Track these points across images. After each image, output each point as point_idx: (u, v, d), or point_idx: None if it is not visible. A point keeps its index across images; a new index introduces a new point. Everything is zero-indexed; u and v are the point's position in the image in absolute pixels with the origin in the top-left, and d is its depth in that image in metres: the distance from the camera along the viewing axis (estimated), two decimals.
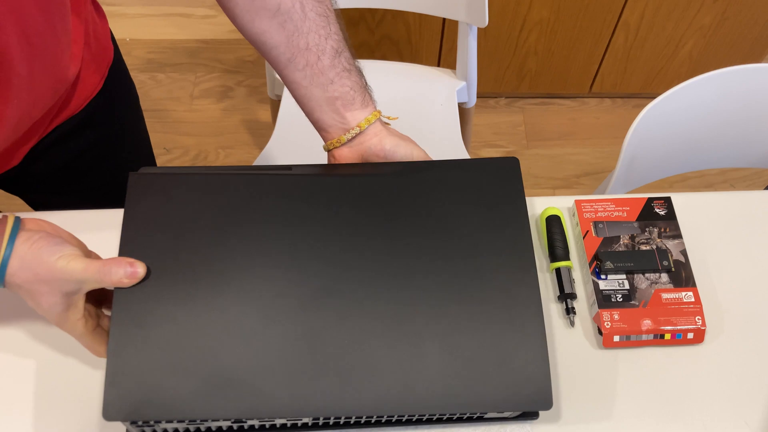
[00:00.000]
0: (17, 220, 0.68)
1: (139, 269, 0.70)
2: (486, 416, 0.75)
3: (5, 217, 0.68)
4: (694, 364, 0.82)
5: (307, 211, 0.76)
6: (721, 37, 1.98)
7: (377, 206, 0.77)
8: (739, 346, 0.83)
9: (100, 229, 0.88)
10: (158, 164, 1.98)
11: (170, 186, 0.76)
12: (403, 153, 0.81)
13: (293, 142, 1.47)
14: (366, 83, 0.84)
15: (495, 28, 1.94)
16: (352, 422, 0.74)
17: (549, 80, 2.13)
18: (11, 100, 0.75)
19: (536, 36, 1.97)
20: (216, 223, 0.74)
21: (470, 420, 0.75)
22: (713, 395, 0.80)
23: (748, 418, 0.78)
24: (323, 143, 0.84)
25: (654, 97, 1.09)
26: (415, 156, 0.81)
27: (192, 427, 0.71)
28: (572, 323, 0.84)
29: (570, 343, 0.83)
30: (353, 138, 0.82)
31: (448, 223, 0.76)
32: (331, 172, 0.81)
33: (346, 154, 0.83)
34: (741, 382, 0.81)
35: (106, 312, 0.75)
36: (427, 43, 1.99)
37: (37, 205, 1.05)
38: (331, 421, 0.73)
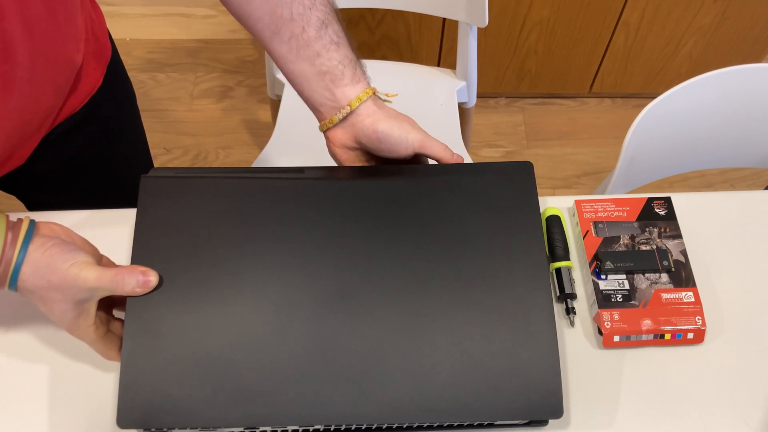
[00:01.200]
0: (32, 224, 0.68)
1: (152, 278, 0.70)
2: (496, 423, 0.74)
3: (20, 221, 0.68)
4: (694, 364, 0.82)
5: (320, 215, 0.75)
6: (721, 37, 1.98)
7: (390, 210, 0.76)
8: (739, 346, 0.83)
9: (102, 228, 0.88)
10: (157, 164, 1.98)
11: (182, 189, 0.75)
12: (397, 136, 0.78)
13: (293, 142, 1.47)
14: (357, 57, 0.80)
15: (495, 28, 1.94)
16: (363, 429, 0.73)
17: (549, 80, 2.13)
18: (14, 91, 0.75)
19: (536, 36, 1.97)
20: (228, 227, 0.74)
21: (480, 427, 0.75)
22: (713, 395, 0.80)
23: (748, 418, 0.78)
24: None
25: (654, 97, 1.09)
26: (410, 140, 0.79)
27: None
28: (572, 323, 0.84)
29: (570, 343, 0.83)
30: (345, 118, 0.79)
31: (461, 228, 0.76)
32: (343, 175, 0.80)
33: (341, 136, 0.81)
34: (741, 382, 0.81)
35: (117, 314, 0.75)
36: (427, 43, 1.99)
37: (35, 205, 1.05)
38: (343, 428, 0.72)
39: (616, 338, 0.82)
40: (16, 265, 0.66)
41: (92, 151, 1.00)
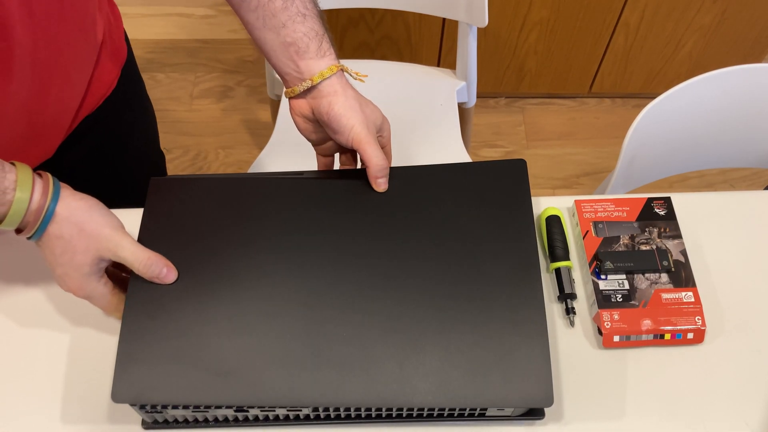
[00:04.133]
0: (54, 177, 0.71)
1: (170, 276, 0.74)
2: (487, 414, 0.75)
3: (44, 173, 0.70)
4: (694, 364, 0.82)
5: (315, 213, 0.78)
6: (721, 37, 1.98)
7: (385, 208, 0.79)
8: (739, 346, 0.83)
9: None
10: None
11: (186, 190, 0.80)
12: (344, 124, 0.79)
13: (293, 142, 1.46)
14: (324, 32, 0.81)
15: (495, 28, 1.94)
16: (352, 416, 0.75)
17: (549, 80, 2.13)
18: (14, 72, 0.75)
19: (536, 36, 1.97)
20: (227, 224, 0.77)
21: (471, 417, 0.76)
22: (713, 395, 0.80)
23: (748, 418, 0.78)
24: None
25: (654, 97, 1.09)
26: (352, 133, 0.79)
27: (199, 416, 0.74)
28: (572, 323, 0.84)
29: (570, 343, 0.83)
30: (308, 90, 0.80)
31: (454, 225, 0.78)
32: (339, 176, 0.84)
33: (302, 105, 0.82)
34: (741, 382, 0.81)
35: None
36: (427, 43, 1.99)
37: None
38: (332, 414, 0.74)
39: (616, 338, 0.82)
40: (49, 210, 0.68)
41: (102, 152, 1.01)
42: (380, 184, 0.80)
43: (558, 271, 0.86)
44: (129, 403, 0.70)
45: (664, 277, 0.85)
